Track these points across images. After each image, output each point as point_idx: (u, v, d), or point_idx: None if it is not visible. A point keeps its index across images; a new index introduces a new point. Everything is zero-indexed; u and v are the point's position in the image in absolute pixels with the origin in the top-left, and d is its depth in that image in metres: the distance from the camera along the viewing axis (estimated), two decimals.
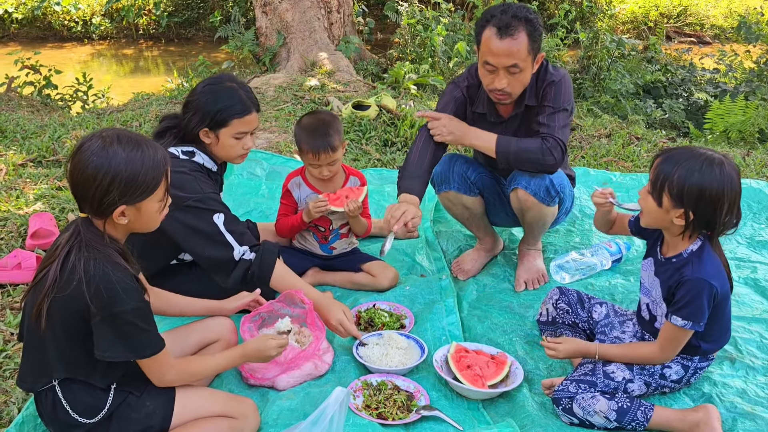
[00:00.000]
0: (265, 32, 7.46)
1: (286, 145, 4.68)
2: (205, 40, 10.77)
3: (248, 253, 2.45)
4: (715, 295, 2.09)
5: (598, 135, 5.21)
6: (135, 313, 1.76)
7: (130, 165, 1.73)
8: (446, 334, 2.64)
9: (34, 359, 1.86)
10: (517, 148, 2.65)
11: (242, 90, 2.55)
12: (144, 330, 1.80)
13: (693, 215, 2.04)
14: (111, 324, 1.75)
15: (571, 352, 2.29)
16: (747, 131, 5.66)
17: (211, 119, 2.50)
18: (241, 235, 2.47)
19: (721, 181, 2.00)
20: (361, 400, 2.24)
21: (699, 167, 2.01)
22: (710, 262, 2.10)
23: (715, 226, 2.07)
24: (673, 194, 2.04)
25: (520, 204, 2.78)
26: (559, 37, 7.67)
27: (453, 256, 3.28)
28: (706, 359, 2.27)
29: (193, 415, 1.96)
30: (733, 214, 2.05)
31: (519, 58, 2.52)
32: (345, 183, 2.97)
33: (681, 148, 2.12)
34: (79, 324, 1.77)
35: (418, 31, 7.41)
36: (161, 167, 1.79)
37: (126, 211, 1.77)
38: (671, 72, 7.53)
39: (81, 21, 10.86)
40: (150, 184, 1.77)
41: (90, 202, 1.75)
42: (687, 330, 2.11)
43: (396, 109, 5.15)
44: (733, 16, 11.09)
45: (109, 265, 1.74)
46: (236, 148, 2.58)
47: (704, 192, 2.00)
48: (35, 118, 5.59)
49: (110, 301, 1.72)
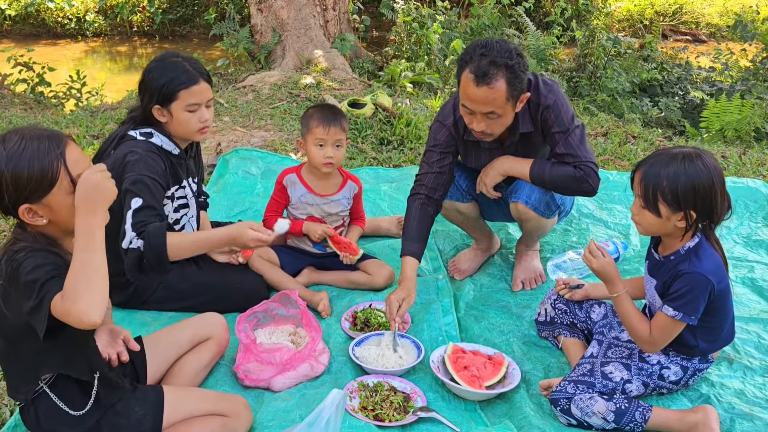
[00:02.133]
0: (260, 30, 7.43)
1: (282, 144, 4.66)
2: (200, 38, 10.71)
3: (135, 240, 2.31)
4: (712, 291, 2.08)
5: (594, 134, 5.20)
6: (33, 273, 1.60)
7: (11, 163, 1.61)
8: (443, 334, 2.62)
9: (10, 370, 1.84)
10: (551, 178, 2.61)
11: (187, 62, 2.52)
12: (45, 280, 1.61)
13: (694, 213, 2.05)
14: (26, 297, 1.61)
15: (604, 270, 2.22)
16: (743, 130, 5.66)
17: (158, 94, 2.47)
18: (145, 223, 2.33)
19: (707, 172, 2.02)
20: (357, 401, 2.23)
21: (682, 167, 2.02)
22: (708, 258, 2.10)
23: (714, 216, 2.08)
24: (668, 201, 2.04)
25: (519, 215, 2.77)
26: (555, 36, 7.66)
27: (449, 256, 3.27)
28: (705, 361, 2.26)
29: (184, 415, 1.95)
30: (725, 198, 2.08)
31: (496, 106, 2.42)
32: (342, 186, 2.96)
33: (654, 155, 2.12)
34: (12, 320, 1.69)
35: (414, 29, 7.39)
36: (51, 157, 1.63)
37: (35, 209, 1.66)
38: (667, 70, 7.53)
39: (75, 18, 10.79)
40: (43, 181, 1.63)
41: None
42: (678, 321, 2.10)
43: (392, 107, 5.12)
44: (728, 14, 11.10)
45: (29, 253, 1.63)
46: (192, 122, 2.52)
47: (698, 188, 2.02)
48: (28, 115, 5.55)
49: (16, 278, 1.62)
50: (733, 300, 2.21)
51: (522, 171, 2.67)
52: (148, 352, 2.14)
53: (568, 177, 2.58)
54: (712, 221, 2.10)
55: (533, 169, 2.64)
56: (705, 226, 2.12)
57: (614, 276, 2.23)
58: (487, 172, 2.74)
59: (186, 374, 2.22)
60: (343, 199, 2.95)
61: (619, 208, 3.68)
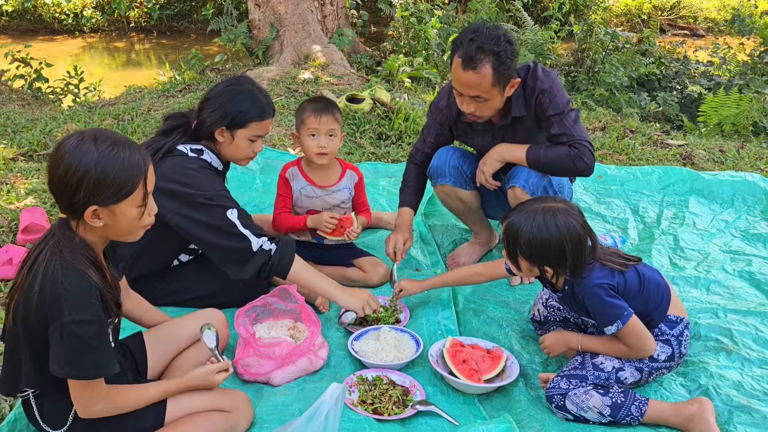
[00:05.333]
0: (258, 25, 7.42)
1: (280, 139, 4.66)
2: (198, 33, 10.70)
3: (267, 244, 2.45)
4: (614, 287, 2.15)
5: (592, 128, 5.21)
6: (80, 326, 1.65)
7: (101, 164, 1.65)
8: (442, 328, 2.63)
9: (10, 363, 1.82)
10: (547, 160, 2.65)
11: (261, 94, 2.61)
12: (92, 348, 1.68)
13: (550, 269, 2.17)
14: (59, 334, 1.66)
15: (556, 348, 2.35)
16: (741, 124, 5.67)
17: (231, 119, 2.53)
18: (257, 228, 2.48)
19: (558, 230, 2.10)
20: (356, 395, 2.23)
21: (538, 224, 2.11)
22: (590, 272, 2.17)
23: (571, 268, 2.15)
24: (526, 257, 2.17)
25: (517, 201, 2.76)
26: (552, 30, 7.66)
27: (448, 250, 3.27)
28: (679, 322, 2.27)
29: (186, 410, 1.95)
30: (582, 249, 2.13)
31: (482, 90, 2.51)
32: (341, 177, 2.96)
33: (518, 209, 2.20)
34: (39, 329, 1.70)
35: (412, 24, 7.38)
36: (138, 170, 1.70)
37: (99, 212, 1.70)
38: (665, 65, 7.53)
39: (72, 13, 10.77)
40: (123, 186, 1.68)
41: (62, 201, 1.70)
42: (625, 327, 2.14)
43: (390, 102, 5.13)
44: (726, 8, 11.10)
45: (68, 272, 1.66)
46: (247, 150, 2.62)
47: (550, 245, 2.11)
48: (26, 111, 5.55)
49: (57, 309, 1.64)
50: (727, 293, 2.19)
51: (519, 156, 2.70)
52: (149, 348, 2.14)
53: (563, 156, 2.61)
54: (572, 271, 2.16)
55: (529, 153, 2.67)
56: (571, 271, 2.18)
57: (563, 338, 2.34)
58: (485, 161, 2.76)
59: (186, 370, 2.21)
60: (344, 189, 2.96)
61: (617, 202, 3.69)
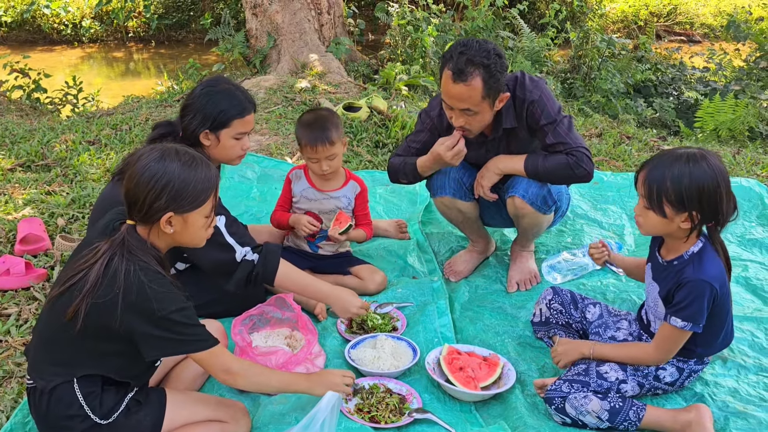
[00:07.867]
0: (256, 34, 7.45)
1: (277, 148, 4.67)
2: (196, 43, 10.73)
3: (250, 254, 2.45)
4: (715, 297, 2.09)
5: (589, 134, 5.22)
6: (180, 313, 1.81)
7: (183, 174, 1.82)
8: (438, 336, 2.63)
9: (56, 357, 1.86)
10: (545, 170, 2.64)
11: (239, 91, 2.60)
12: (193, 326, 1.86)
13: (698, 215, 2.05)
14: (157, 327, 1.79)
15: (569, 355, 2.31)
16: (737, 129, 5.69)
17: (213, 121, 2.54)
18: (242, 236, 2.48)
19: (712, 173, 2.01)
20: (353, 403, 2.23)
21: (687, 167, 2.02)
22: (711, 263, 2.10)
23: (719, 217, 2.07)
24: (672, 201, 2.04)
25: (516, 211, 2.78)
26: (549, 37, 7.69)
27: (444, 258, 3.28)
28: (701, 362, 2.27)
29: (184, 420, 1.95)
30: (731, 200, 2.06)
31: (472, 103, 2.50)
32: (344, 185, 2.98)
33: (659, 156, 2.12)
34: (113, 327, 1.78)
35: (408, 32, 7.41)
36: (211, 184, 1.88)
37: (173, 219, 1.84)
38: (661, 71, 7.56)
39: (71, 24, 10.80)
40: (199, 197, 1.85)
41: (140, 207, 1.81)
42: (685, 331, 2.10)
43: (387, 110, 5.14)
44: (722, 15, 11.14)
45: (149, 275, 1.78)
46: (236, 149, 2.62)
47: (702, 189, 2.01)
48: (24, 122, 5.56)
49: (148, 309, 1.77)
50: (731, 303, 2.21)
51: (517, 167, 2.70)
52: None
53: (562, 164, 2.61)
54: (717, 223, 2.09)
55: (527, 164, 2.67)
56: (711, 228, 2.12)
57: (577, 347, 2.31)
58: (483, 174, 2.76)
59: (184, 379, 2.23)
60: (342, 198, 2.96)
61: (614, 208, 3.69)
